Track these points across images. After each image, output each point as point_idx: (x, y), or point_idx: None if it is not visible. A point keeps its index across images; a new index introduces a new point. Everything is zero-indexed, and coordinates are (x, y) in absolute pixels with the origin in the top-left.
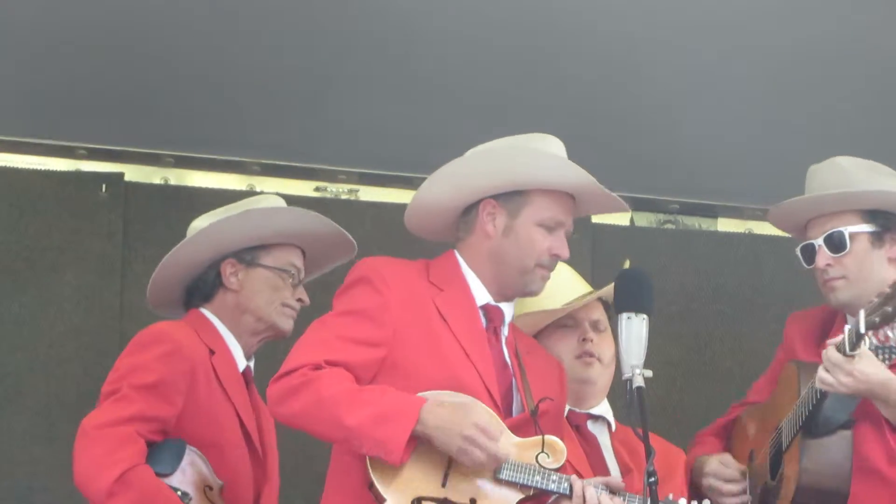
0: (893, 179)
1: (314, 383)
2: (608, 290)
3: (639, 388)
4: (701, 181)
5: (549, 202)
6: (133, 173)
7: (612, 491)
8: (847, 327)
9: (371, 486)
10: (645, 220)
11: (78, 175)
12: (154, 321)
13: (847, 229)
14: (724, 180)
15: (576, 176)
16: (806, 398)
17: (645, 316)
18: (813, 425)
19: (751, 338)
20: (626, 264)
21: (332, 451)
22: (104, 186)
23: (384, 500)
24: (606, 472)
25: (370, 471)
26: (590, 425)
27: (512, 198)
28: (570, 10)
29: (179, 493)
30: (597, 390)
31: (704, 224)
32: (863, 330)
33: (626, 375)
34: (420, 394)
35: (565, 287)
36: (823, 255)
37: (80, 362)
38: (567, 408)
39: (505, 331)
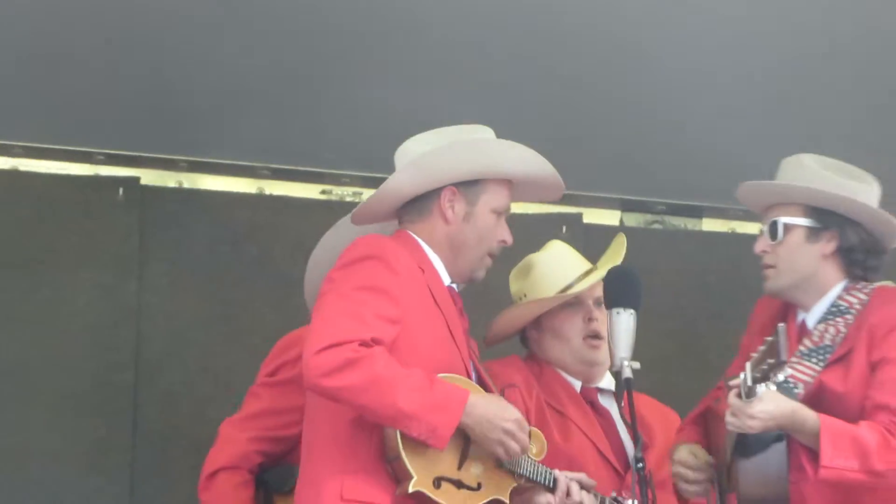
0: (854, 182)
1: (369, 361)
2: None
3: (627, 379)
4: (686, 183)
5: (501, 190)
6: (149, 177)
7: (584, 487)
8: (742, 374)
9: (396, 460)
10: (633, 220)
11: (96, 179)
12: (171, 320)
13: (783, 219)
14: (709, 182)
15: (544, 167)
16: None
17: (633, 311)
18: (746, 446)
19: (735, 333)
20: (621, 238)
21: (326, 428)
22: (121, 190)
23: (411, 476)
24: (621, 446)
25: (402, 449)
26: (601, 399)
27: (471, 186)
28: (567, 17)
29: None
30: (604, 368)
31: (690, 224)
32: (750, 383)
33: (616, 367)
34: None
35: (570, 266)
36: (762, 242)
37: (96, 359)
38: (579, 384)
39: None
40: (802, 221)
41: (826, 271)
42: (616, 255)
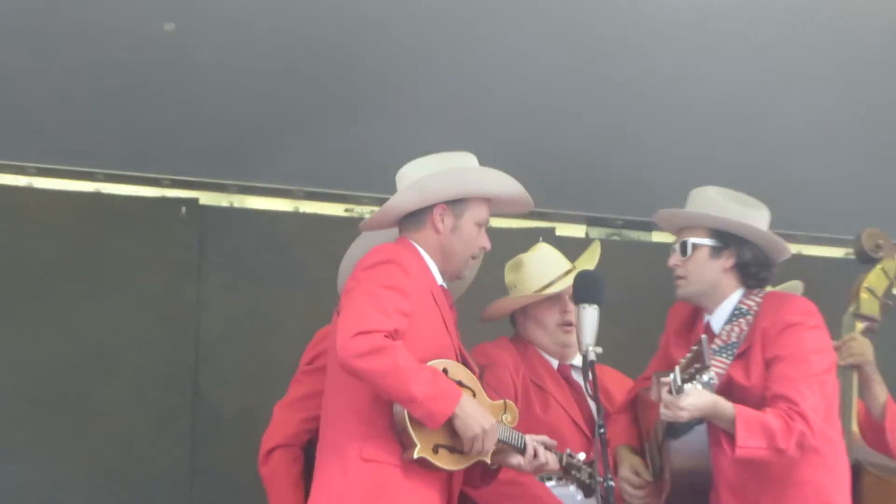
0: (749, 209)
1: (392, 352)
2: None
3: (592, 361)
4: (639, 203)
5: (482, 206)
6: (206, 198)
7: (547, 447)
8: (671, 374)
9: (403, 432)
10: (596, 233)
11: (163, 200)
12: (224, 312)
13: (691, 240)
14: (658, 202)
15: (517, 188)
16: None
17: (596, 306)
18: (674, 430)
19: None
20: (596, 244)
21: (352, 402)
22: (183, 208)
23: (415, 445)
24: (590, 414)
25: (409, 423)
26: (574, 375)
27: (458, 203)
28: (547, 64)
29: None
30: (575, 349)
31: (642, 236)
32: (679, 383)
33: (583, 351)
34: (430, 363)
35: (552, 266)
36: (674, 257)
37: (165, 343)
38: (556, 362)
39: (453, 306)
40: (707, 242)
41: (726, 282)
42: (592, 257)
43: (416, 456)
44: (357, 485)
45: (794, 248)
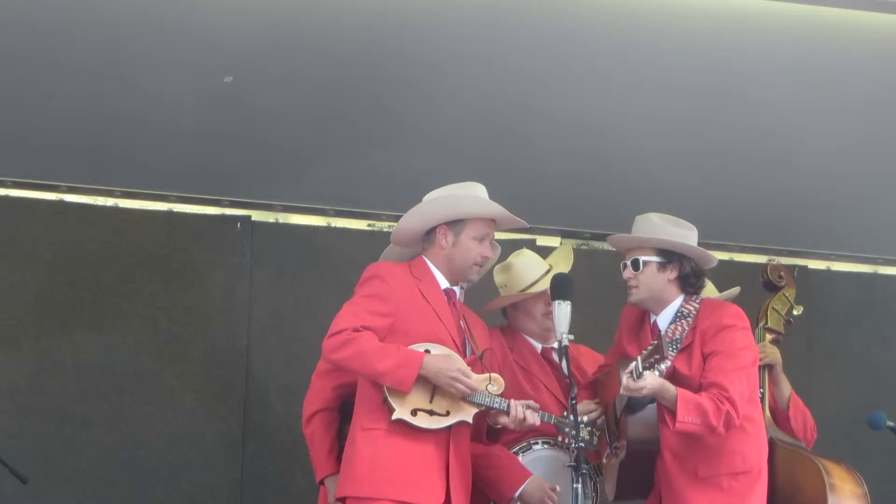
0: (684, 230)
1: (356, 341)
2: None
3: (565, 346)
4: (603, 219)
5: (479, 225)
6: (257, 216)
7: (530, 408)
8: (633, 364)
9: (385, 401)
10: (569, 243)
11: (223, 216)
12: (270, 306)
13: (642, 258)
14: (618, 219)
15: (495, 209)
16: (623, 395)
17: (569, 302)
18: (632, 407)
19: None
20: (569, 250)
21: (358, 387)
22: (239, 224)
23: (394, 409)
24: (568, 387)
25: (387, 393)
26: (554, 356)
27: (457, 224)
28: (545, 107)
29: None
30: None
31: (605, 246)
32: (641, 370)
33: (558, 338)
34: (413, 346)
35: (536, 268)
36: (627, 271)
37: (223, 330)
38: (540, 346)
39: (457, 304)
40: (654, 259)
41: (670, 290)
42: (567, 260)
43: (393, 418)
44: (360, 449)
45: (727, 256)
